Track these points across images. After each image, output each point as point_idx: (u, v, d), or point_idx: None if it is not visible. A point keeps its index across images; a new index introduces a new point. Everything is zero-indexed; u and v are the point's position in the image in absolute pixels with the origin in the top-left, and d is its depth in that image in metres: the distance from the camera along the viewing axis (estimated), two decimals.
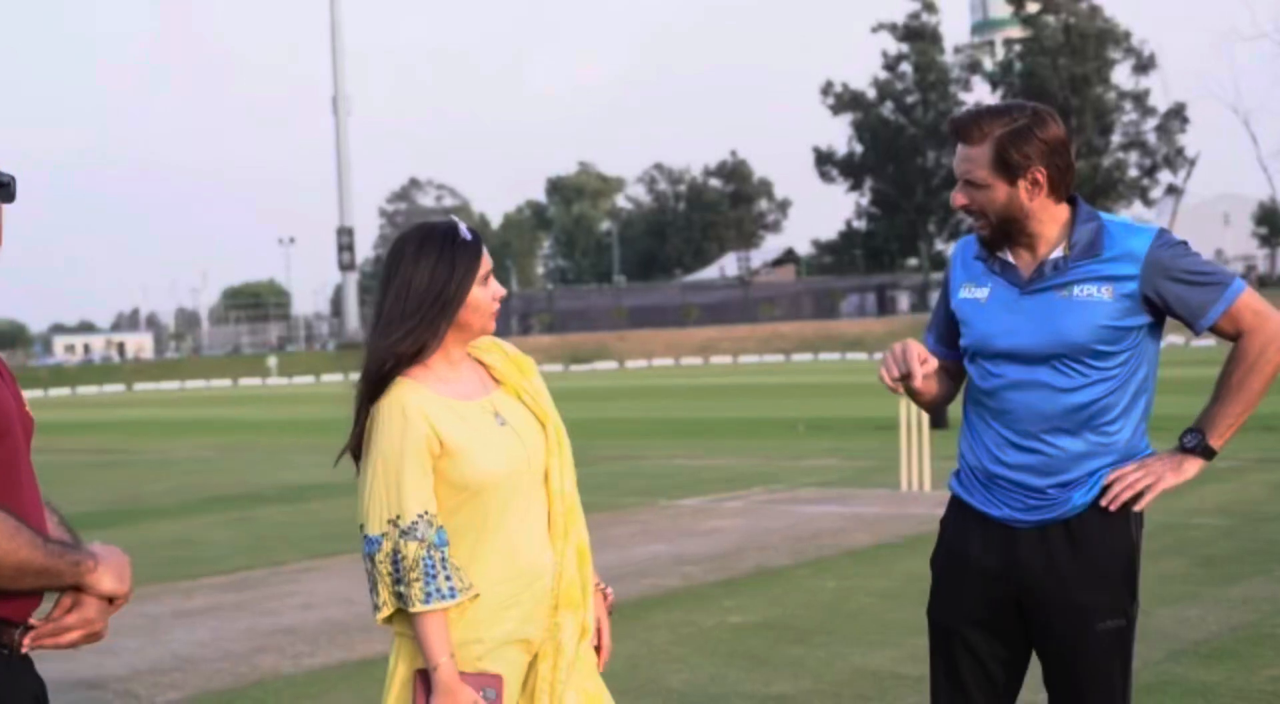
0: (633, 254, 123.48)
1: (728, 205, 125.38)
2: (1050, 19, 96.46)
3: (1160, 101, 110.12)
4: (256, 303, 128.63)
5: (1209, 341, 60.27)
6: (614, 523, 12.37)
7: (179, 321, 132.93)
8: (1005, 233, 3.47)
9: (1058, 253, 3.46)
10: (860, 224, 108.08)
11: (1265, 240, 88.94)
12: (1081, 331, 3.39)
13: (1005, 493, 3.50)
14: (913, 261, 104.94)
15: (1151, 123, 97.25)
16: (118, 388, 77.53)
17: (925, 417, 14.18)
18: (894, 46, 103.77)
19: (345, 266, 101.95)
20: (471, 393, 3.23)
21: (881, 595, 8.71)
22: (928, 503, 12.96)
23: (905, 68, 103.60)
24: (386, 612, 3.12)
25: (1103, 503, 3.41)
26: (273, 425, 32.43)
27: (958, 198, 3.50)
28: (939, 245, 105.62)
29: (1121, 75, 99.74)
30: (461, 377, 3.24)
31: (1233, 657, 6.78)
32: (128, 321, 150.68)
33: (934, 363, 3.47)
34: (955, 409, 3.71)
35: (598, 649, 3.39)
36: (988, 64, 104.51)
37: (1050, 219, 3.47)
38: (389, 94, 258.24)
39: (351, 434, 3.23)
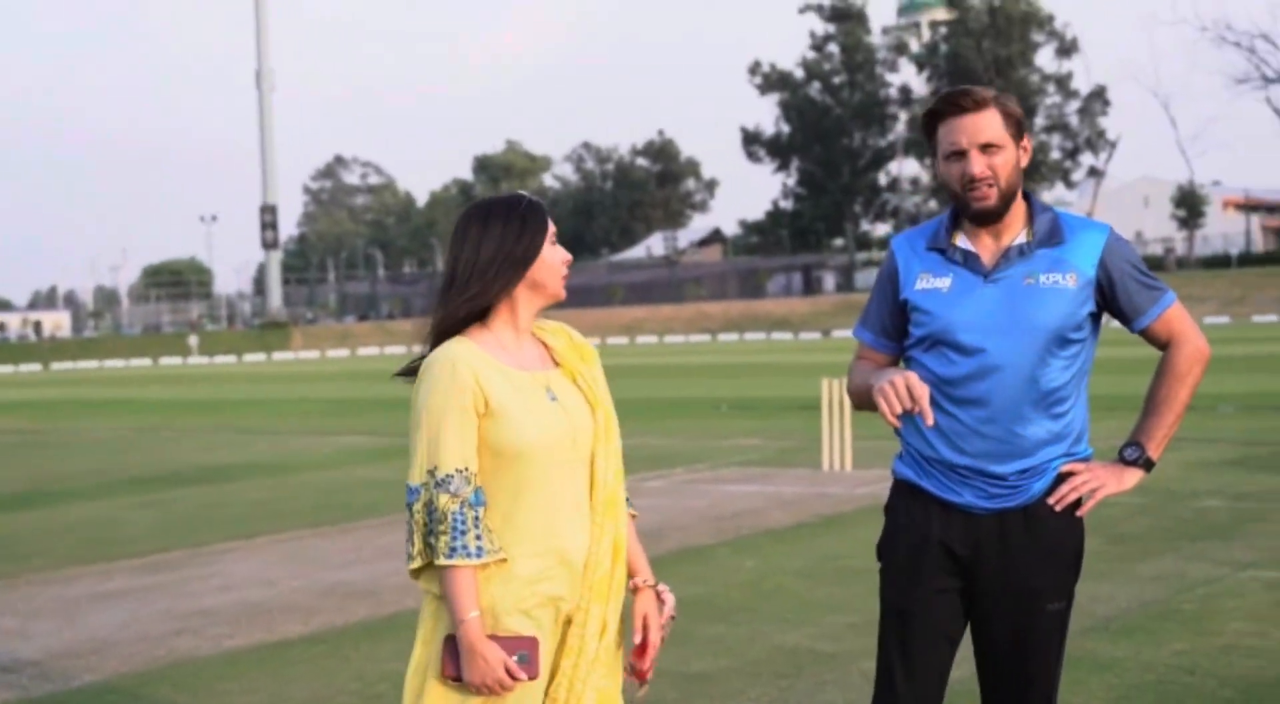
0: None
1: (655, 185, 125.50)
2: (975, 2, 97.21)
3: (1082, 84, 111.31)
4: (177, 281, 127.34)
5: None
6: None
7: (98, 300, 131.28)
8: (1006, 203, 3.51)
9: (1021, 239, 3.53)
10: (787, 204, 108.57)
11: (1184, 223, 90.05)
12: (1053, 318, 3.47)
13: (966, 481, 3.54)
14: (839, 242, 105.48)
15: (1074, 105, 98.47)
16: (34, 367, 76.47)
17: (847, 397, 14.27)
18: (821, 27, 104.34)
19: (269, 245, 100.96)
20: (528, 365, 3.26)
21: (800, 575, 8.78)
22: (848, 483, 13.08)
23: (832, 48, 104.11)
24: (418, 563, 3.13)
25: (1050, 501, 3.52)
26: (194, 406, 32.13)
27: (977, 163, 3.47)
28: (865, 226, 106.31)
29: (1045, 58, 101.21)
30: (522, 348, 3.28)
31: (1141, 632, 6.91)
32: (45, 299, 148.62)
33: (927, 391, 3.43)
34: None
35: (642, 651, 3.33)
36: (914, 46, 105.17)
37: (1018, 202, 3.55)
38: (314, 69, 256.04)
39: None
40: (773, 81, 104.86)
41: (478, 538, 3.07)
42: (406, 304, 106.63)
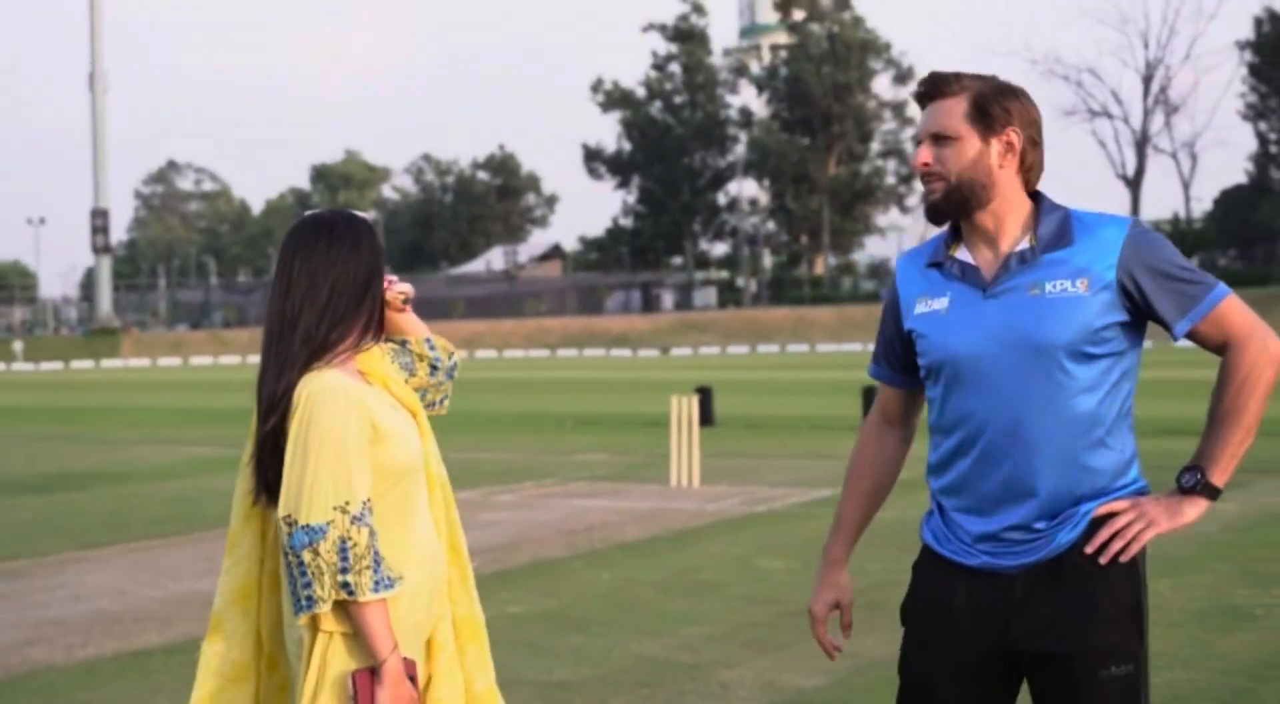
0: (398, 245, 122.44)
1: (495, 199, 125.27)
2: (815, 27, 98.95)
3: (918, 112, 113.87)
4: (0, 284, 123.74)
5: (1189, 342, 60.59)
6: None
7: None
8: (962, 199, 3.09)
9: (1023, 244, 3.06)
10: (627, 221, 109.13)
11: None
12: (1059, 332, 2.99)
13: (982, 538, 3.11)
14: (677, 260, 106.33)
15: (909, 132, 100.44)
16: None
17: (695, 414, 14.53)
18: (664, 47, 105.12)
19: (99, 249, 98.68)
20: (359, 377, 3.14)
21: (655, 587, 8.95)
22: (698, 498, 13.30)
23: (674, 68, 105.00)
24: (327, 606, 2.95)
25: (1088, 550, 3.01)
26: (25, 413, 31.33)
27: (922, 154, 3.12)
28: (703, 245, 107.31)
29: (882, 85, 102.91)
30: (351, 366, 3.14)
31: None
32: None
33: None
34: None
35: None
36: (754, 68, 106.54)
37: (1017, 205, 3.11)
38: (149, 71, 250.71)
39: (266, 423, 3.08)
40: (615, 99, 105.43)
41: (387, 568, 3.00)
42: (241, 313, 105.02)
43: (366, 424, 3.01)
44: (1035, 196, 3.14)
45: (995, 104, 3.09)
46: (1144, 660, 3.04)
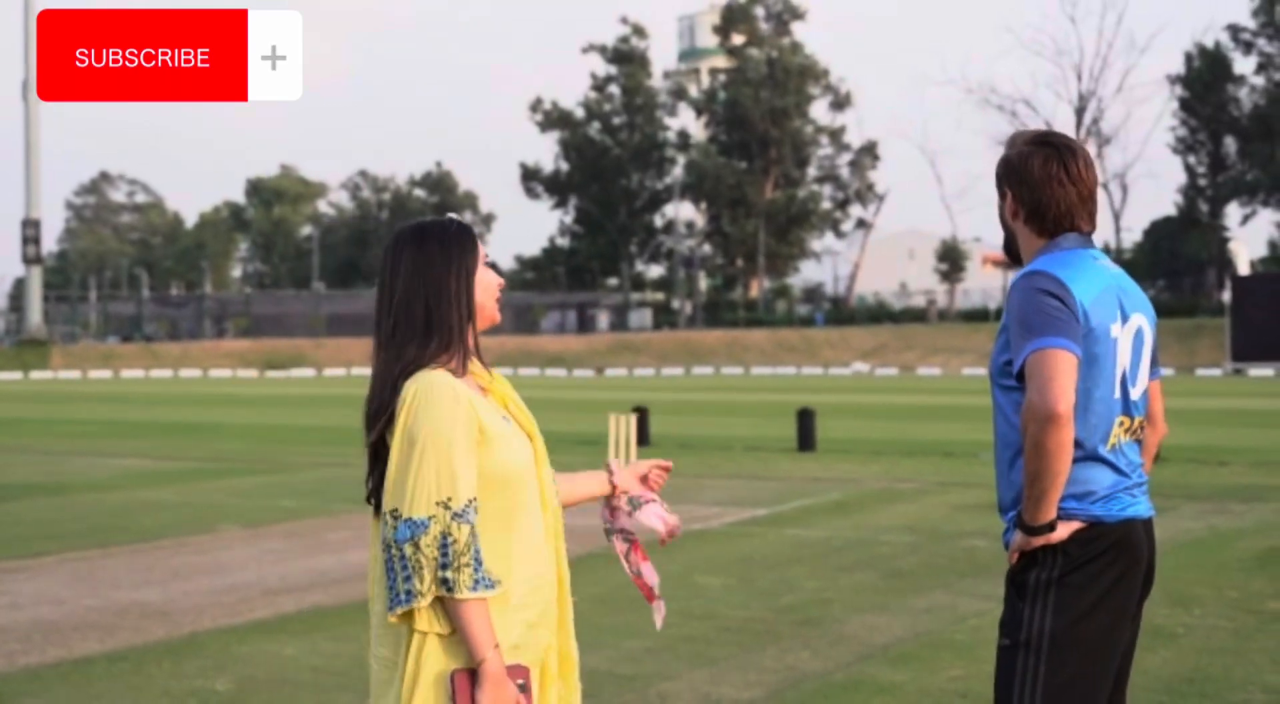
0: (333, 261, 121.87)
1: (432, 216, 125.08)
2: (754, 52, 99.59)
3: (855, 138, 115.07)
4: None
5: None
6: (328, 528, 12.54)
7: None
8: (1008, 247, 3.67)
9: None
10: (563, 241, 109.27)
11: (946, 276, 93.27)
12: (991, 363, 3.56)
13: None
14: (613, 281, 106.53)
15: (845, 158, 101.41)
16: None
17: (634, 433, 14.64)
18: (603, 68, 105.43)
19: (30, 260, 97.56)
20: (478, 389, 3.20)
21: (595, 600, 9.06)
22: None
23: (614, 89, 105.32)
24: (427, 601, 2.95)
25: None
26: None
27: None
28: (639, 266, 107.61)
29: (820, 111, 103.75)
30: (470, 372, 3.21)
31: (917, 659, 7.38)
32: None
33: None
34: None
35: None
36: (693, 91, 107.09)
37: (1030, 251, 3.58)
38: None
39: (376, 423, 3.14)
40: (553, 119, 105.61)
41: (488, 570, 3.00)
42: (174, 326, 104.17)
43: (473, 424, 3.04)
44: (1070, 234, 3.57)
45: (1002, 171, 3.62)
46: (1020, 643, 3.43)
